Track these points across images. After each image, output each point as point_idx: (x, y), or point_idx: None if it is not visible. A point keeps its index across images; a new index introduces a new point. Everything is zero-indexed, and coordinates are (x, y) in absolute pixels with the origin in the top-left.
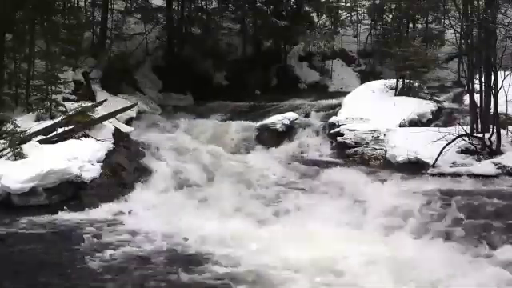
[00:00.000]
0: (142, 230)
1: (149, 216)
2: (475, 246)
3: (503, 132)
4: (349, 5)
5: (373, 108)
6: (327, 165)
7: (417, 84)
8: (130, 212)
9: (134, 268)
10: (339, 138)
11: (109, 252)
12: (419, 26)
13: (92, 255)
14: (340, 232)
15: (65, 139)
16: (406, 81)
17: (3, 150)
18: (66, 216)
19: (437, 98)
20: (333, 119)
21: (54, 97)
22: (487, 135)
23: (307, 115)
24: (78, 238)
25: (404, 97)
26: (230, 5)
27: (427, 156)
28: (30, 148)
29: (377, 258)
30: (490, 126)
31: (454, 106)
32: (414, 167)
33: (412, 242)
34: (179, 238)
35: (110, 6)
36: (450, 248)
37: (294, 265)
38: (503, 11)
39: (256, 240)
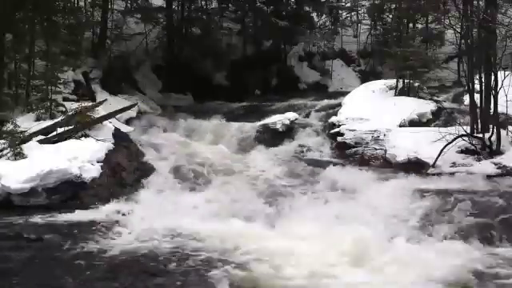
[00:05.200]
0: (141, 230)
1: (149, 216)
2: (475, 246)
3: (503, 132)
4: (349, 5)
5: (373, 108)
6: (327, 165)
7: (417, 84)
8: (130, 212)
9: (134, 268)
10: (339, 138)
11: (109, 252)
12: (419, 25)
13: (92, 255)
14: (339, 232)
15: (65, 139)
16: (406, 81)
17: (3, 149)
18: (65, 216)
19: (437, 98)
20: (333, 119)
21: (54, 97)
22: (487, 135)
23: (307, 115)
24: (78, 238)
25: (404, 97)
26: (230, 5)
27: (427, 156)
28: (30, 148)
29: (376, 257)
30: (490, 126)
31: (454, 105)
32: (414, 167)
33: (411, 241)
34: (179, 239)
35: (110, 6)
36: (449, 248)
37: (293, 265)
38: (503, 11)
39: (255, 240)
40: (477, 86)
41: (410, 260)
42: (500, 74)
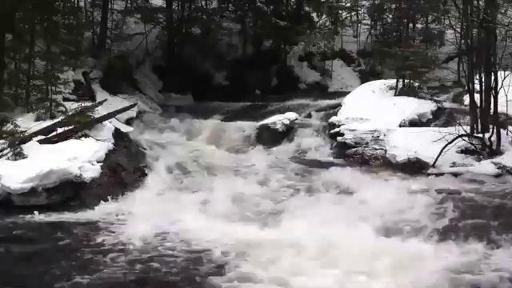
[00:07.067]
0: (141, 230)
1: (148, 216)
2: (475, 247)
3: (503, 132)
4: (349, 5)
5: (373, 108)
6: (327, 165)
7: (417, 84)
8: (129, 212)
9: (133, 268)
10: (339, 138)
11: (109, 252)
12: (419, 25)
13: (92, 256)
14: (339, 232)
15: (65, 139)
16: (406, 81)
17: (3, 149)
18: (65, 216)
19: (437, 98)
20: (333, 119)
21: (54, 97)
22: (487, 135)
23: (307, 115)
24: (78, 238)
25: (404, 97)
26: (230, 5)
27: (427, 156)
28: (30, 148)
29: (375, 257)
30: (490, 126)
31: (454, 106)
32: (414, 167)
33: (411, 241)
34: (178, 239)
35: (110, 6)
36: (449, 248)
37: (293, 265)
38: (503, 11)
39: (255, 240)
40: (477, 86)
41: (404, 261)
42: (500, 74)
